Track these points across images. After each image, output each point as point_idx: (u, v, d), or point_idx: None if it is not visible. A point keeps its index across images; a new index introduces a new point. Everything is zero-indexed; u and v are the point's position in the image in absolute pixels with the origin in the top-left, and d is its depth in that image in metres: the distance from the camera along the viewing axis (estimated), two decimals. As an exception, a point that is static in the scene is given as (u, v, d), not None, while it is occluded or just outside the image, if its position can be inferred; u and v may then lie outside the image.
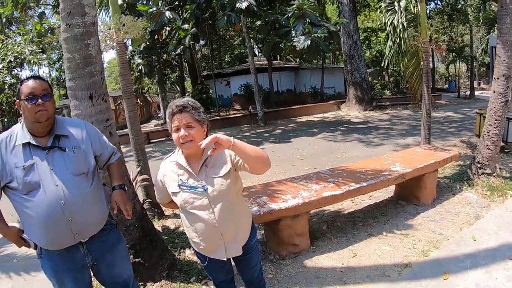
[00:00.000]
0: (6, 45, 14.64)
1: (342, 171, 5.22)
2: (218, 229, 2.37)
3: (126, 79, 6.09)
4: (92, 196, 2.43)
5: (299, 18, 16.97)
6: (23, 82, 2.33)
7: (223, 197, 2.33)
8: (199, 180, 2.32)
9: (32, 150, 2.28)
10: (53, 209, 2.23)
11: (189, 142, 2.23)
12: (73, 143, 2.41)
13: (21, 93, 2.29)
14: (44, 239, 2.32)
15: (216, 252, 2.48)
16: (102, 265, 2.56)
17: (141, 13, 19.64)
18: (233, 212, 2.42)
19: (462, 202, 5.59)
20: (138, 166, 6.01)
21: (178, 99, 2.32)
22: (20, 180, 2.21)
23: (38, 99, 2.25)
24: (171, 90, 41.50)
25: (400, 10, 7.50)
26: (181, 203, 2.37)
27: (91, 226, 2.43)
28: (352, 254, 4.31)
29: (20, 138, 2.29)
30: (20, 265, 5.05)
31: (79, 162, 2.37)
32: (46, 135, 2.34)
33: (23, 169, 2.22)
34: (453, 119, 16.10)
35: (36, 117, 2.25)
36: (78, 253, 2.43)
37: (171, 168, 2.42)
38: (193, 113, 2.27)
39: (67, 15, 3.39)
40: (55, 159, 2.31)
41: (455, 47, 34.41)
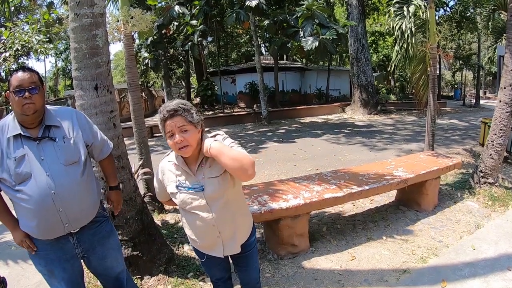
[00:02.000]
0: (13, 33, 14.66)
1: (344, 174, 5.20)
2: (216, 228, 2.36)
3: (132, 72, 6.09)
4: (84, 186, 2.44)
5: (308, 19, 16.92)
6: (13, 73, 2.32)
7: (220, 196, 2.31)
8: (196, 180, 2.30)
9: (23, 141, 2.29)
10: (44, 199, 2.24)
11: (185, 147, 2.19)
12: (64, 132, 2.41)
13: (10, 84, 2.29)
14: (35, 229, 2.33)
15: (213, 250, 2.47)
16: (93, 257, 2.58)
17: (149, 6, 19.63)
18: (231, 211, 2.40)
19: (463, 210, 5.56)
20: (140, 159, 6.00)
21: (167, 103, 2.27)
22: (12, 171, 2.22)
23: (25, 91, 2.25)
24: (176, 85, 41.58)
25: (409, 15, 7.47)
26: (180, 204, 2.36)
27: (81, 217, 2.44)
28: (351, 257, 4.30)
29: (12, 130, 2.30)
30: (18, 253, 5.06)
31: (69, 151, 2.38)
32: (36, 126, 2.35)
33: (15, 160, 2.23)
34: (457, 127, 16.04)
35: (23, 110, 2.26)
36: (68, 244, 2.44)
37: (169, 167, 2.41)
38: (186, 116, 2.19)
39: (75, 5, 3.39)
40: (46, 149, 2.32)
41: (462, 55, 34.35)
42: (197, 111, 2.29)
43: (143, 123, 6.18)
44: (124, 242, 3.70)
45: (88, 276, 3.89)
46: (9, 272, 4.43)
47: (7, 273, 4.41)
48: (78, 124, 2.50)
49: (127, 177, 3.83)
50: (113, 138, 3.57)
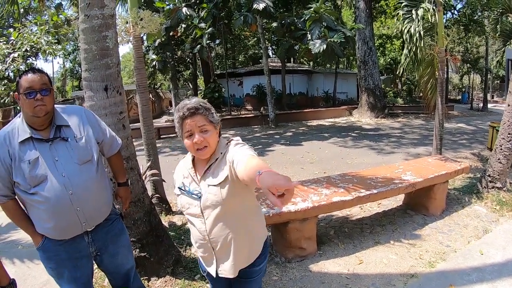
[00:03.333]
0: (22, 34, 14.76)
1: (352, 177, 5.19)
2: (208, 242, 2.17)
3: (141, 74, 6.10)
4: (99, 184, 2.44)
5: (315, 22, 16.89)
6: (22, 75, 2.28)
7: (216, 208, 2.08)
8: (199, 186, 2.15)
9: (35, 144, 2.27)
10: (62, 200, 2.23)
11: (205, 148, 2.05)
12: (75, 132, 2.39)
13: (19, 86, 2.26)
14: (52, 231, 2.32)
15: (209, 265, 2.29)
16: (105, 255, 2.58)
17: (157, 9, 19.69)
18: (230, 227, 2.14)
19: (471, 215, 5.53)
20: (148, 160, 6.02)
21: (186, 100, 2.11)
22: (27, 175, 2.20)
23: (36, 93, 2.22)
24: (183, 87, 41.69)
25: (417, 19, 7.44)
26: (180, 207, 2.26)
27: (98, 214, 2.45)
28: (359, 261, 4.28)
29: (22, 133, 2.27)
30: (25, 252, 5.08)
31: (82, 150, 2.37)
32: (47, 127, 2.33)
33: (29, 163, 2.21)
34: (465, 131, 15.96)
35: (35, 112, 2.23)
36: (83, 242, 2.44)
37: (181, 168, 2.31)
38: (207, 115, 2.07)
39: (86, 6, 3.40)
40: (59, 149, 2.31)
41: (470, 58, 34.19)
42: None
43: (152, 124, 6.19)
44: (132, 243, 3.70)
45: (95, 276, 3.92)
46: (16, 271, 4.45)
47: (14, 271, 4.43)
48: (87, 122, 2.49)
49: (136, 178, 3.84)
50: (122, 140, 3.58)
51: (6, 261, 4.75)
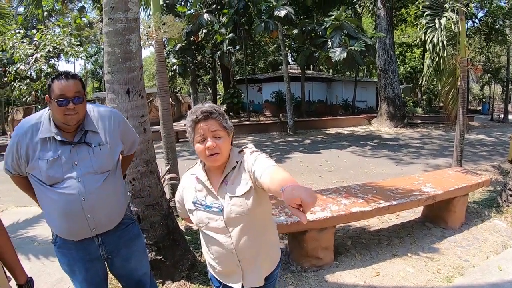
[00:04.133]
0: (45, 36, 14.99)
1: (372, 187, 5.13)
2: (235, 255, 2.07)
3: (162, 77, 6.14)
4: (113, 193, 2.39)
5: (336, 29, 16.89)
6: (54, 78, 2.20)
7: (242, 219, 2.02)
8: (217, 198, 2.05)
9: (58, 144, 2.22)
10: (73, 205, 2.19)
11: (216, 154, 1.97)
12: (101, 138, 2.33)
13: (51, 91, 2.18)
14: (60, 229, 2.31)
15: (231, 279, 2.19)
16: (117, 259, 2.52)
17: (178, 13, 19.87)
18: (255, 236, 2.09)
19: (490, 230, 5.41)
20: (168, 164, 6.04)
21: (200, 104, 2.04)
22: (43, 173, 2.17)
23: (69, 102, 2.15)
24: (202, 92, 41.89)
25: (440, 28, 7.36)
26: (196, 223, 2.12)
27: (108, 222, 2.39)
28: (375, 273, 4.21)
29: (46, 131, 2.22)
30: (40, 248, 5.13)
31: (104, 159, 2.31)
32: (74, 130, 2.28)
33: (47, 162, 2.18)
34: (485, 143, 15.74)
35: (66, 120, 2.18)
36: (93, 245, 2.40)
37: (190, 181, 2.18)
38: (221, 120, 1.99)
39: (110, 9, 3.44)
40: (80, 154, 2.25)
41: (491, 68, 33.75)
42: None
43: (172, 128, 6.22)
44: (148, 246, 3.71)
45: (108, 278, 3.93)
46: (30, 267, 4.49)
47: (29, 267, 4.46)
48: (115, 130, 2.42)
49: (155, 181, 3.85)
50: (142, 143, 3.60)
51: (22, 257, 4.79)
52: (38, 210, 7.03)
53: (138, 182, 3.63)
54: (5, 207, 7.53)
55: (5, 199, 8.23)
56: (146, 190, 3.71)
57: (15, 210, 7.31)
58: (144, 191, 3.69)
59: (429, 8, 7.59)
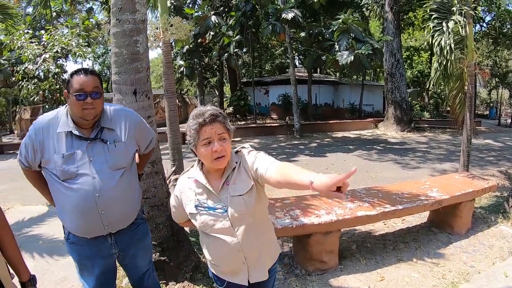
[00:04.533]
0: (53, 36, 15.08)
1: (378, 192, 5.12)
2: (241, 253, 2.12)
3: (169, 79, 6.15)
4: (127, 191, 2.42)
5: (343, 33, 16.86)
6: (73, 74, 2.25)
7: (246, 217, 2.07)
8: (220, 200, 2.08)
9: (74, 139, 2.26)
10: (87, 201, 2.22)
11: (223, 157, 2.00)
12: (116, 136, 2.37)
13: (70, 85, 2.23)
14: (74, 226, 2.32)
15: (237, 276, 2.22)
16: (127, 256, 2.57)
17: (186, 15, 19.92)
18: (258, 232, 2.17)
19: (496, 235, 5.37)
20: (173, 165, 6.04)
21: (202, 108, 2.04)
22: (58, 167, 2.20)
23: (87, 96, 2.19)
24: (209, 94, 41.97)
25: (448, 31, 7.32)
26: (200, 226, 2.13)
27: (122, 220, 2.42)
28: (380, 278, 4.19)
29: (63, 126, 2.27)
30: (45, 247, 5.16)
31: (119, 156, 2.35)
32: (91, 126, 2.32)
33: (62, 157, 2.21)
34: (492, 148, 15.65)
35: (83, 114, 2.22)
36: (105, 243, 2.42)
37: (188, 185, 2.19)
38: (225, 123, 2.03)
39: (117, 10, 3.45)
40: (96, 150, 2.28)
41: (498, 72, 33.61)
42: (230, 120, 2.17)
43: (178, 129, 6.22)
44: (152, 246, 3.71)
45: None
46: (35, 266, 4.51)
47: (33, 266, 4.49)
48: (131, 129, 2.46)
49: (160, 182, 3.85)
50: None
51: (26, 255, 4.82)
52: (43, 209, 7.09)
53: (143, 182, 3.63)
54: (10, 205, 7.58)
55: (11, 197, 8.29)
56: (151, 190, 3.72)
57: (20, 208, 7.35)
58: (149, 192, 3.70)
59: (437, 12, 7.55)
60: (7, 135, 25.99)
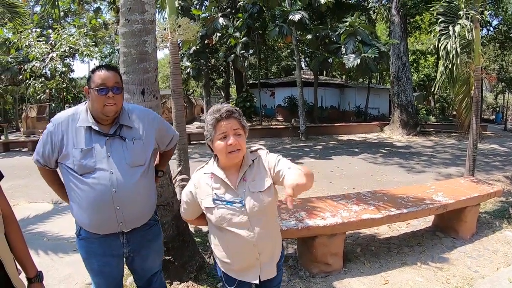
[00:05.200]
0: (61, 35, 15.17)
1: (383, 195, 5.11)
2: (256, 248, 2.17)
3: (177, 79, 6.16)
4: (144, 189, 2.44)
5: (350, 36, 16.85)
6: (95, 70, 2.32)
7: (263, 213, 2.16)
8: (237, 194, 2.15)
9: (93, 135, 2.30)
10: (104, 196, 2.25)
11: (238, 151, 2.09)
12: (135, 134, 2.40)
13: (92, 81, 2.28)
14: (88, 222, 2.34)
15: (248, 274, 2.27)
16: (137, 257, 2.57)
17: (193, 16, 19.97)
18: (271, 229, 2.27)
19: (501, 241, 5.35)
20: (179, 165, 6.05)
21: (219, 105, 2.17)
22: (76, 161, 2.24)
23: (109, 91, 2.25)
24: (215, 95, 42.05)
25: (454, 35, 7.31)
26: (217, 220, 2.16)
27: (136, 218, 2.44)
28: (384, 281, 4.18)
29: (83, 121, 2.31)
30: (50, 244, 5.19)
31: (137, 153, 2.38)
32: (110, 122, 2.36)
33: (81, 151, 2.25)
34: (498, 152, 15.57)
35: (104, 111, 2.27)
36: (117, 242, 2.44)
37: (205, 180, 2.23)
38: (240, 119, 2.14)
39: (127, 11, 3.47)
40: (114, 147, 2.32)
41: (505, 77, 33.47)
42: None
43: (184, 130, 6.24)
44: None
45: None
46: (39, 262, 4.51)
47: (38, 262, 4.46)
48: (150, 128, 2.49)
49: (167, 182, 3.87)
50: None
51: (31, 252, 4.78)
52: (48, 206, 7.14)
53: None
54: (16, 202, 7.63)
55: (17, 195, 8.34)
56: (157, 190, 3.71)
57: (26, 205, 7.40)
58: (155, 191, 3.71)
59: (444, 15, 7.54)
60: (13, 132, 26.09)
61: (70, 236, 5.42)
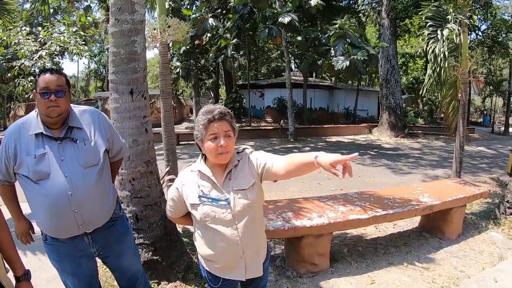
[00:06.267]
0: (50, 33, 15.05)
1: (370, 196, 5.15)
2: (240, 247, 2.19)
3: (166, 79, 6.16)
4: (100, 189, 2.45)
5: (340, 38, 16.92)
6: (41, 73, 2.35)
7: (247, 211, 2.17)
8: (222, 192, 2.18)
9: (44, 140, 2.32)
10: (60, 200, 2.26)
11: (227, 153, 2.13)
12: (85, 135, 2.42)
13: (37, 85, 2.33)
14: (49, 227, 2.37)
15: (234, 272, 2.29)
16: (110, 254, 2.62)
17: (184, 17, 19.94)
18: (256, 227, 2.28)
19: (487, 241, 5.42)
20: (167, 166, 6.05)
21: (211, 106, 2.18)
22: (30, 168, 2.25)
23: (51, 94, 2.27)
24: (205, 95, 41.96)
25: (442, 39, 7.37)
26: (201, 217, 2.18)
27: (96, 219, 2.45)
28: (370, 281, 4.22)
29: (34, 128, 2.33)
30: (37, 244, 5.10)
31: (89, 154, 2.39)
32: (59, 126, 2.37)
33: (34, 157, 2.27)
34: (485, 155, 15.77)
35: (47, 112, 2.29)
36: (83, 243, 2.47)
37: (191, 177, 2.27)
38: (231, 122, 2.17)
39: (117, 10, 3.47)
40: (66, 150, 2.34)
41: (493, 81, 33.82)
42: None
43: (173, 130, 6.24)
44: (145, 246, 3.73)
45: (105, 276, 3.95)
46: (27, 262, 4.45)
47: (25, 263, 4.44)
48: (100, 128, 2.51)
49: (155, 182, 3.87)
50: (144, 143, 3.63)
51: (19, 251, 4.79)
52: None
53: (137, 182, 3.65)
54: (2, 201, 7.54)
55: (4, 195, 8.24)
56: (145, 190, 3.73)
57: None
58: (143, 191, 3.71)
59: (432, 19, 7.61)
60: (1, 131, 25.83)
61: (57, 236, 5.40)
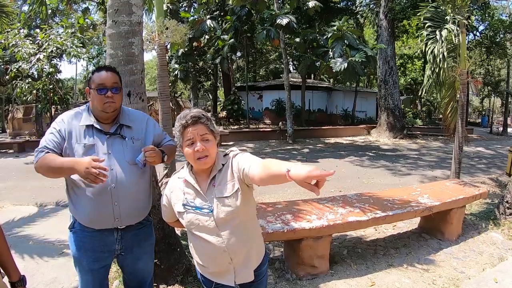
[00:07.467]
0: (48, 35, 15.03)
1: (369, 197, 5.14)
2: (227, 254, 2.14)
3: (164, 82, 6.13)
4: (141, 188, 2.54)
5: (338, 40, 16.95)
6: (95, 71, 2.45)
7: (231, 218, 2.12)
8: (206, 200, 2.14)
9: (94, 132, 2.42)
10: (103, 190, 2.34)
11: (205, 157, 2.08)
12: (134, 134, 2.53)
13: (92, 81, 2.41)
14: (85, 216, 2.41)
15: (224, 277, 2.25)
16: (129, 256, 2.62)
17: (182, 19, 19.95)
18: (244, 234, 2.20)
19: (486, 242, 5.41)
20: (165, 168, 6.03)
21: (187, 110, 2.15)
22: (79, 156, 2.30)
23: (108, 90, 2.37)
24: (203, 97, 41.98)
25: (441, 40, 7.37)
26: (186, 224, 2.18)
27: (132, 215, 2.51)
28: (370, 283, 4.20)
29: (85, 119, 2.44)
30: (35, 247, 5.14)
31: (136, 152, 2.46)
32: (110, 122, 2.47)
33: (84, 146, 2.36)
34: (483, 155, 15.79)
35: (104, 107, 2.39)
36: (111, 237, 2.50)
37: (178, 185, 2.25)
38: (208, 124, 2.11)
39: (114, 12, 3.47)
40: (114, 145, 2.44)
41: (491, 81, 33.93)
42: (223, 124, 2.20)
43: (171, 132, 6.21)
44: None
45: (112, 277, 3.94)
46: (25, 266, 4.49)
47: (23, 266, 4.46)
48: (148, 129, 2.63)
49: (152, 185, 3.84)
50: (141, 146, 3.62)
51: (16, 255, 4.79)
52: (34, 209, 7.07)
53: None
54: (1, 204, 7.54)
55: (2, 197, 8.25)
56: (143, 193, 3.72)
57: (11, 208, 7.32)
58: (141, 194, 3.70)
59: (431, 20, 7.61)
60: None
61: (55, 240, 5.38)
